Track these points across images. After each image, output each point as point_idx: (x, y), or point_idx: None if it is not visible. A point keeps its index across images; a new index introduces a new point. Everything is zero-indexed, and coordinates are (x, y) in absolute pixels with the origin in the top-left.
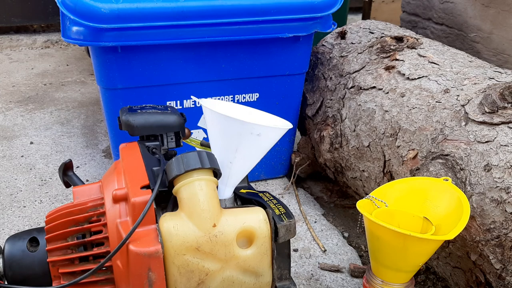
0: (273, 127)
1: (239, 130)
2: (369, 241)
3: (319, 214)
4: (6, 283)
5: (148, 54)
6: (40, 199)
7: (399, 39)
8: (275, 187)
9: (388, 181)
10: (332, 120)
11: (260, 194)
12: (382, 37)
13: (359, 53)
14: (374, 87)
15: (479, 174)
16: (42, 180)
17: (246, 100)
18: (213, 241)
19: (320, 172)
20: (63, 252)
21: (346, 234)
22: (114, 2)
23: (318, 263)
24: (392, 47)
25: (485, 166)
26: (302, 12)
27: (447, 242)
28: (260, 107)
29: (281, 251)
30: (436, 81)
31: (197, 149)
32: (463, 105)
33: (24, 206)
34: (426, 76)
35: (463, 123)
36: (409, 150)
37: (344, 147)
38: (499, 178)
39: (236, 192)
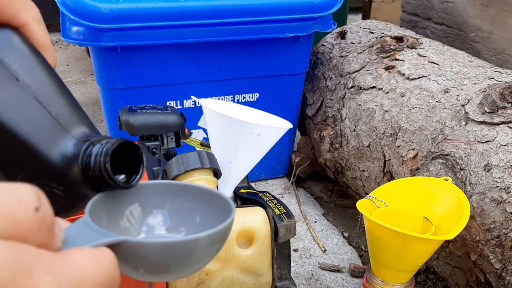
0: (273, 127)
1: (239, 130)
2: (369, 241)
3: (319, 214)
4: None
5: (148, 54)
6: None
7: (399, 39)
8: (275, 187)
9: (388, 181)
10: (332, 120)
11: (260, 194)
12: (382, 37)
13: (359, 53)
14: (374, 87)
15: (479, 174)
16: None
17: (246, 100)
18: None
19: (320, 172)
20: None
21: (346, 234)
22: (114, 2)
23: (318, 263)
24: (392, 47)
25: (485, 166)
26: (302, 12)
27: (447, 242)
28: (260, 107)
29: (281, 251)
30: (436, 81)
31: (197, 149)
32: (463, 105)
33: None
34: (426, 76)
35: (463, 123)
36: (409, 150)
37: (344, 147)
38: (499, 178)
39: (236, 192)
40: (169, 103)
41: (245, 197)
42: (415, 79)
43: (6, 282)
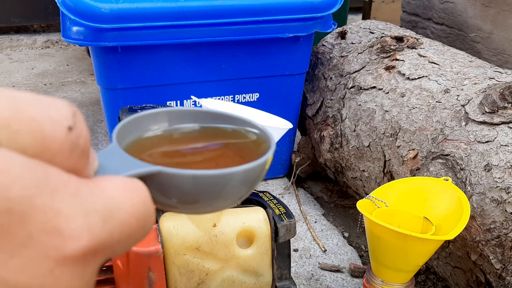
0: (273, 127)
1: None
2: (369, 241)
3: (319, 214)
4: None
5: (148, 54)
6: None
7: (399, 39)
8: (275, 187)
9: (388, 181)
10: (332, 120)
11: (260, 194)
12: (382, 37)
13: (359, 53)
14: (374, 87)
15: (479, 174)
16: None
17: (246, 100)
18: (213, 241)
19: (320, 172)
20: None
21: (346, 234)
22: (114, 2)
23: (318, 263)
24: (392, 47)
25: (485, 166)
26: (302, 12)
27: (447, 242)
28: (260, 107)
29: (281, 251)
30: (436, 81)
31: None
32: (463, 105)
33: None
34: (426, 76)
35: (463, 123)
36: (409, 150)
37: (344, 147)
38: (499, 178)
39: None
40: (169, 103)
41: None
42: (415, 79)
43: (20, 201)
